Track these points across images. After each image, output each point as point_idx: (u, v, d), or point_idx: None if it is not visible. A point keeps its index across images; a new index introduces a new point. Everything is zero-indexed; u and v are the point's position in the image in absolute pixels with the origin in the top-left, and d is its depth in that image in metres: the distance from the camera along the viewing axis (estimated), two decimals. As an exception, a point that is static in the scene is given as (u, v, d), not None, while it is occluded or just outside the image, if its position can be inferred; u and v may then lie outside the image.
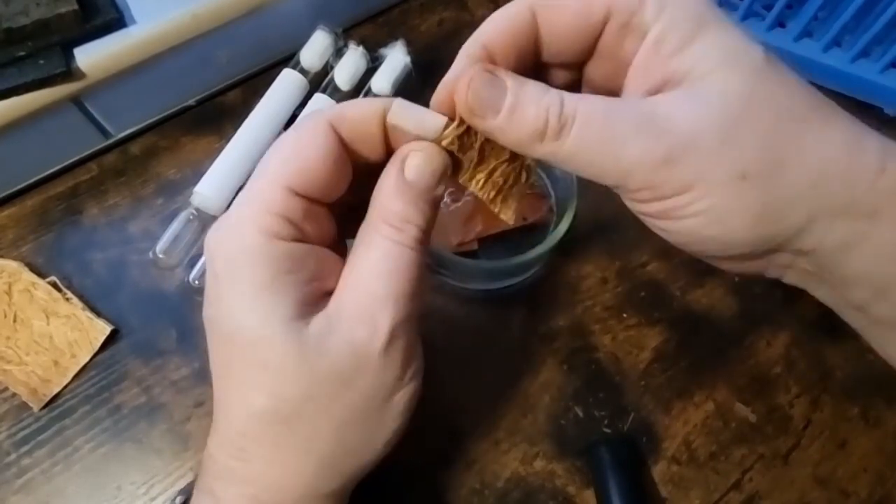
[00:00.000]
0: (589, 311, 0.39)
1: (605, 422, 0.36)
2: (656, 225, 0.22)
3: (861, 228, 0.20)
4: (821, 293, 0.23)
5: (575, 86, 0.25)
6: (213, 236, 0.21)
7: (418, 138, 0.22)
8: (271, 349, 0.20)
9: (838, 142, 0.20)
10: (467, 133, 0.22)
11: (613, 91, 0.23)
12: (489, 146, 0.22)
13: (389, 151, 0.23)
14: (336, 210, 0.24)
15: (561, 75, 0.24)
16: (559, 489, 0.34)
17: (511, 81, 0.20)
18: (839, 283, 0.22)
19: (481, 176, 0.23)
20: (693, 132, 0.19)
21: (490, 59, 0.22)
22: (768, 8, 0.44)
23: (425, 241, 0.22)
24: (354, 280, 0.21)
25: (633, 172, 0.20)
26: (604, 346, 0.38)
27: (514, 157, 0.22)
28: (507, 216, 0.23)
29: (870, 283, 0.21)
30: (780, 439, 0.36)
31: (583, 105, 0.20)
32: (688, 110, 0.20)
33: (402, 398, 0.23)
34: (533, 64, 0.23)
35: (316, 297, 0.21)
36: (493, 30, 0.22)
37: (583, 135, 0.20)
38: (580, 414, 0.36)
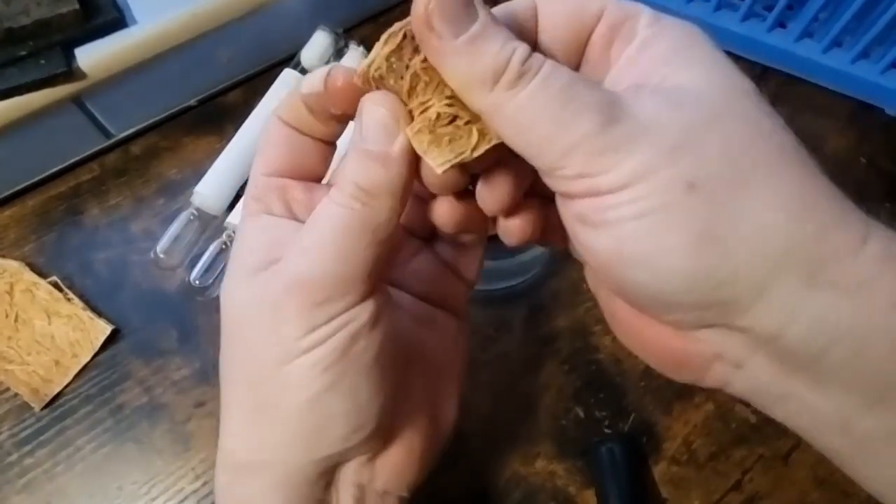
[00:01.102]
0: (589, 311, 0.39)
1: (606, 422, 0.36)
2: (578, 234, 0.19)
3: (846, 306, 0.16)
4: (781, 409, 0.18)
5: None
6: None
7: (353, 86, 0.20)
8: (223, 292, 0.22)
9: (822, 191, 0.17)
10: (398, 57, 0.19)
11: None
12: (425, 77, 0.19)
13: (347, 115, 0.22)
14: None
15: None
16: (560, 489, 0.34)
17: (483, 12, 0.18)
18: (813, 386, 0.17)
19: (412, 106, 0.20)
20: (651, 124, 0.17)
21: None
22: (769, 9, 0.44)
23: (357, 200, 0.20)
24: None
25: (574, 151, 0.17)
26: (604, 346, 0.38)
27: (453, 103, 0.19)
28: (435, 160, 0.19)
29: (861, 385, 0.16)
30: (781, 440, 0.36)
31: (550, 63, 0.18)
32: (653, 105, 0.17)
33: (303, 366, 0.20)
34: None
35: (265, 264, 0.21)
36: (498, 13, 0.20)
37: (540, 91, 0.17)
38: (581, 414, 0.36)
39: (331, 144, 0.24)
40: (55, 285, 0.38)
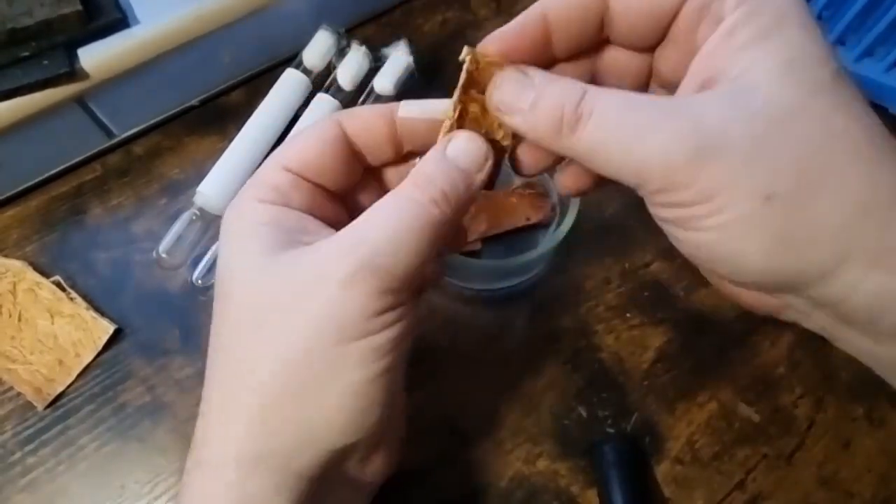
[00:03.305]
0: (592, 311, 0.39)
1: (609, 422, 0.36)
2: (672, 233, 0.21)
3: None
4: (843, 345, 0.21)
5: (643, 74, 0.24)
6: (224, 215, 0.23)
7: (431, 127, 0.23)
8: (230, 281, 0.21)
9: (887, 184, 0.18)
10: (465, 103, 0.22)
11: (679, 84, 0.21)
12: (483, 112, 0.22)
13: (398, 153, 0.24)
14: (356, 209, 0.25)
15: (627, 60, 0.23)
16: (562, 489, 0.34)
17: (539, 78, 0.20)
18: (870, 339, 0.19)
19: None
20: (724, 135, 0.18)
21: (545, 30, 0.21)
22: (772, 7, 0.44)
23: (437, 206, 0.21)
24: (353, 222, 0.21)
25: (652, 171, 0.19)
26: (607, 346, 0.38)
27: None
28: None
29: None
30: (784, 440, 0.35)
31: (603, 97, 0.19)
32: (725, 110, 0.18)
33: (365, 348, 0.20)
34: (595, 42, 0.22)
35: (291, 244, 0.21)
36: (560, 3, 0.21)
37: (600, 127, 0.19)
38: (583, 414, 0.36)
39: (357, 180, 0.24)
40: (58, 285, 0.38)
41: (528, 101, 0.20)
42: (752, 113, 0.18)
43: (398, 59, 0.42)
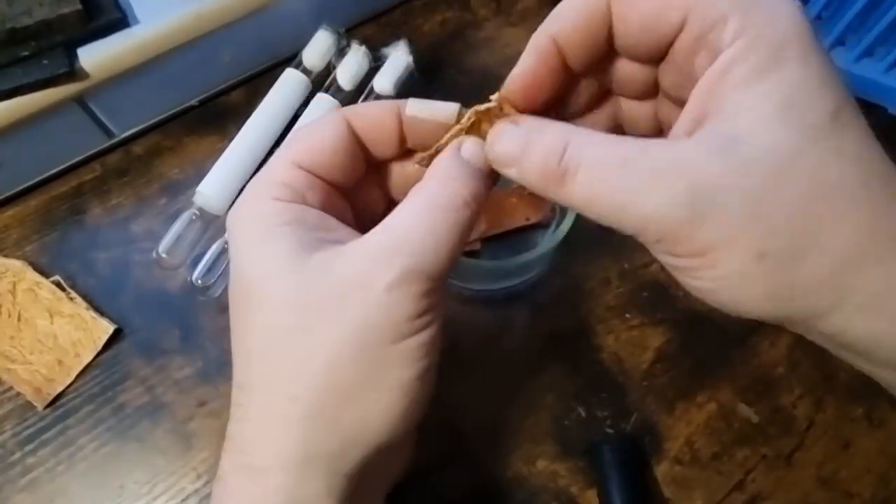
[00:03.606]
0: (592, 311, 0.39)
1: (608, 422, 0.36)
2: (674, 275, 0.21)
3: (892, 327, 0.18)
4: (850, 362, 0.22)
5: (653, 84, 0.23)
6: (230, 212, 0.23)
7: (430, 126, 0.23)
8: (262, 283, 0.21)
9: (882, 229, 0.18)
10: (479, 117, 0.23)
11: (682, 101, 0.21)
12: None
13: (404, 148, 0.24)
14: (356, 204, 0.25)
15: (635, 71, 0.23)
16: (562, 489, 0.34)
17: (527, 129, 0.21)
18: (870, 362, 0.20)
19: None
20: (719, 192, 0.18)
21: (558, 52, 0.21)
22: (772, 7, 0.44)
23: (468, 208, 0.21)
24: (383, 223, 0.21)
25: (647, 229, 0.19)
26: (607, 346, 0.38)
27: None
28: None
29: None
30: (783, 440, 0.35)
31: (589, 152, 0.19)
32: (717, 163, 0.18)
33: (411, 347, 0.21)
34: (606, 53, 0.22)
35: (319, 243, 0.21)
36: (563, 22, 0.21)
37: (588, 186, 0.19)
38: (583, 414, 0.36)
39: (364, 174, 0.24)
40: (58, 285, 0.38)
41: (519, 148, 0.21)
42: (744, 164, 0.18)
43: (398, 58, 0.42)
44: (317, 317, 0.20)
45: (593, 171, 0.19)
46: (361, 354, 0.20)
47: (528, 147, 0.20)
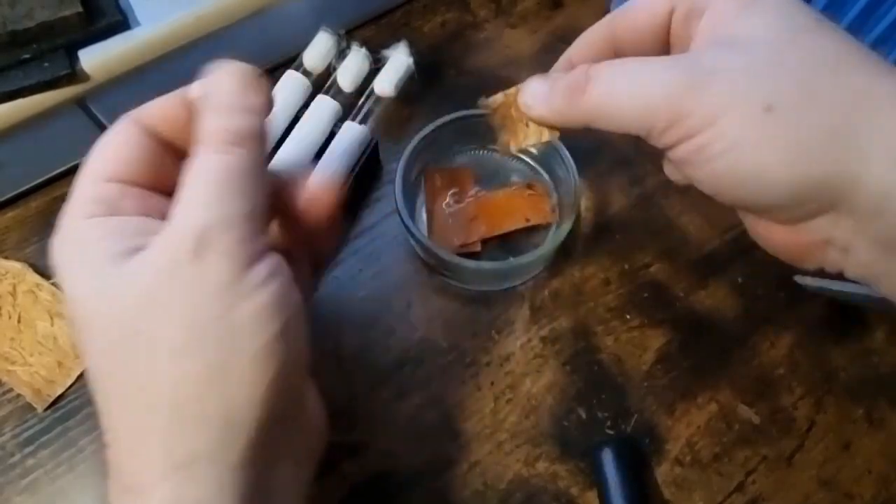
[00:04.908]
0: (592, 312, 0.39)
1: (608, 423, 0.36)
2: (694, 176, 0.22)
3: None
4: (885, 284, 0.21)
5: None
6: (52, 242, 0.22)
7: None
8: (84, 306, 0.20)
9: (886, 85, 0.19)
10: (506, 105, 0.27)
11: None
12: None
13: None
14: None
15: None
16: (562, 491, 0.34)
17: (556, 73, 0.25)
18: None
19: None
20: (721, 62, 0.20)
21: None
22: (771, 9, 0.44)
23: (239, 148, 0.21)
24: (173, 204, 0.20)
25: (658, 108, 0.21)
26: (607, 347, 0.38)
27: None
28: (526, 140, 0.27)
29: None
30: (784, 441, 0.35)
31: (607, 66, 0.22)
32: (718, 52, 0.21)
33: (253, 310, 0.19)
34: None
35: (134, 251, 0.20)
36: (578, 47, 0.27)
37: (606, 83, 0.22)
38: (583, 415, 0.36)
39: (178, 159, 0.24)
40: (58, 286, 0.38)
41: (548, 87, 0.24)
42: (743, 49, 0.21)
43: (398, 60, 0.42)
44: (142, 321, 0.19)
45: (611, 71, 0.22)
46: (201, 338, 0.19)
47: (557, 79, 0.24)
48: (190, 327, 0.19)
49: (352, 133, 0.40)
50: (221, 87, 0.23)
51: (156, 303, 0.19)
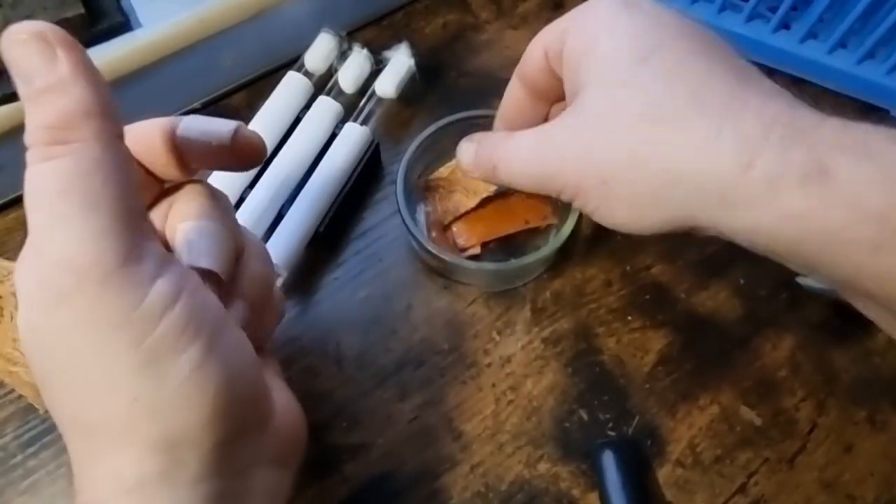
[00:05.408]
0: (593, 313, 0.39)
1: (610, 425, 0.36)
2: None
3: (751, 217, 0.22)
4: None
5: None
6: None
7: (210, 147, 0.22)
8: (22, 332, 0.20)
9: (691, 144, 0.22)
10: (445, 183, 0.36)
11: None
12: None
13: (190, 169, 0.23)
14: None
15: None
16: (563, 492, 0.34)
17: (476, 141, 0.31)
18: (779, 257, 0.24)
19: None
20: (565, 146, 0.26)
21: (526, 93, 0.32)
22: (773, 10, 0.44)
23: (60, 138, 0.18)
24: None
25: (543, 186, 0.27)
26: (608, 348, 0.38)
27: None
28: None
29: (802, 258, 0.22)
30: (786, 443, 0.35)
31: (503, 153, 0.29)
32: (562, 128, 0.26)
33: (162, 333, 0.18)
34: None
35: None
36: (505, 107, 0.33)
37: (506, 168, 0.28)
38: (584, 417, 0.36)
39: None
40: (60, 287, 0.38)
41: (472, 160, 0.31)
42: (577, 122, 0.25)
43: (399, 61, 0.42)
44: (60, 361, 0.18)
45: (508, 157, 0.28)
46: (116, 375, 0.18)
47: (477, 155, 0.30)
48: (104, 366, 0.18)
49: (353, 134, 0.40)
50: (22, 61, 0.18)
51: (63, 346, 0.18)
